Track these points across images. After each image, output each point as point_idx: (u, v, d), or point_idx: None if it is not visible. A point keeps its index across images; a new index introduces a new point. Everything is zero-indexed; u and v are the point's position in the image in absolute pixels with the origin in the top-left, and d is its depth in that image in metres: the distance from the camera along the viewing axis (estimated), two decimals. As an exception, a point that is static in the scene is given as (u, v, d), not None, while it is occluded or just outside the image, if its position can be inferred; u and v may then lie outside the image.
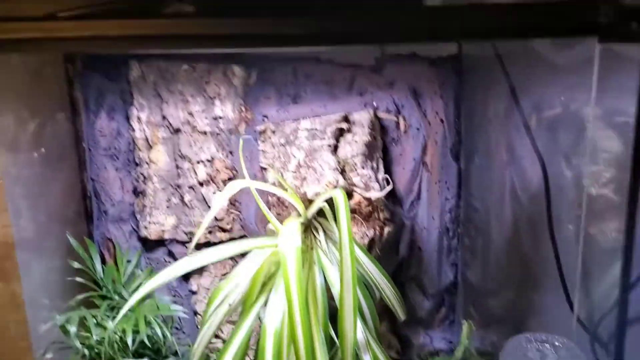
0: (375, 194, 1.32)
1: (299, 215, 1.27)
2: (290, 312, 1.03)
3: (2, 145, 1.41)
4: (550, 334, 1.11)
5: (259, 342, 1.09)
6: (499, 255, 1.46)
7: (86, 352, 1.32)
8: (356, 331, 1.09)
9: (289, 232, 1.10)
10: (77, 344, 1.30)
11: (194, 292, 1.59)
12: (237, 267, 1.25)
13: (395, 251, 1.53)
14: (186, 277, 1.60)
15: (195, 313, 1.60)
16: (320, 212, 1.30)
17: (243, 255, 1.27)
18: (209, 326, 1.18)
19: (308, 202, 1.30)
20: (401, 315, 1.29)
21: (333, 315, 1.16)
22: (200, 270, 1.57)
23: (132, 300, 1.14)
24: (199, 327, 1.58)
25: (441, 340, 1.68)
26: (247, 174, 1.26)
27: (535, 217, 1.22)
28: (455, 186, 1.55)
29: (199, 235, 1.19)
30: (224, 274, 1.58)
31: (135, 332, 1.30)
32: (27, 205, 1.49)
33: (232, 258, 1.55)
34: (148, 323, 1.30)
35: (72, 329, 1.27)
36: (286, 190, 1.28)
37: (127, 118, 1.55)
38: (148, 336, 1.34)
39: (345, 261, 1.05)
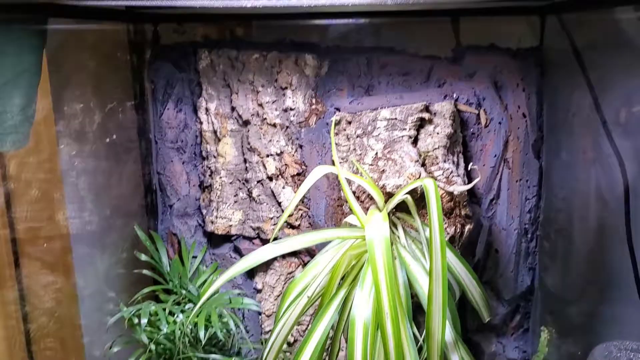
0: (459, 187, 1.24)
1: (378, 209, 1.21)
2: (379, 302, 0.97)
3: (67, 135, 1.39)
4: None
5: (348, 333, 1.02)
6: (580, 260, 1.37)
7: (153, 347, 1.28)
8: (445, 329, 1.02)
9: (377, 221, 1.04)
10: (144, 338, 1.26)
11: (258, 290, 1.53)
12: (313, 260, 1.20)
13: (471, 252, 1.45)
14: (251, 275, 1.54)
15: (260, 313, 1.55)
16: (399, 207, 1.23)
17: (321, 248, 1.22)
18: (286, 321, 1.12)
19: (386, 196, 1.24)
20: (486, 315, 1.21)
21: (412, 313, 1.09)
22: (265, 268, 1.52)
23: (217, 284, 1.09)
24: (262, 326, 1.53)
25: (514, 349, 1.59)
26: (337, 159, 1.19)
27: (618, 220, 1.14)
28: (536, 185, 1.46)
29: (283, 220, 1.18)
30: (290, 273, 1.52)
31: (207, 326, 1.25)
32: (91, 198, 1.46)
33: (298, 257, 1.50)
34: (220, 317, 1.25)
35: (143, 320, 1.22)
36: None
37: (195, 109, 1.51)
38: (213, 334, 1.29)
39: (436, 253, 0.98)
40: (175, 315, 1.27)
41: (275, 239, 1.47)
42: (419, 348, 1.06)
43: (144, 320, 1.23)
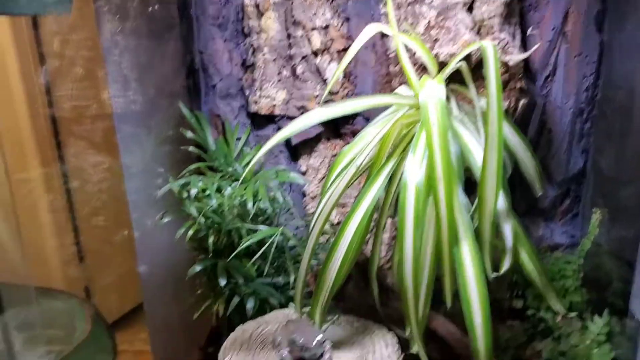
0: (515, 57, 1.18)
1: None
2: (432, 166, 0.94)
3: (108, 11, 1.35)
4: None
5: (399, 198, 1.01)
6: (638, 140, 1.30)
7: (202, 220, 1.29)
8: (498, 197, 0.99)
9: (431, 85, 1.00)
10: (194, 210, 1.27)
11: (303, 173, 1.52)
12: (362, 132, 1.17)
13: (524, 131, 1.40)
14: (295, 157, 1.53)
15: (304, 194, 1.55)
16: (452, 79, 1.18)
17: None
18: (333, 192, 1.11)
19: (439, 66, 1.18)
20: (539, 189, 1.18)
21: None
22: (309, 151, 1.50)
23: (268, 145, 1.07)
24: (305, 208, 1.53)
25: (563, 234, 1.56)
26: (392, 16, 1.12)
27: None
28: (596, 61, 1.38)
29: (333, 82, 1.11)
30: (334, 155, 1.50)
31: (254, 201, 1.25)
32: (134, 77, 1.44)
33: (343, 139, 1.47)
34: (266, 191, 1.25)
35: (192, 191, 1.23)
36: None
37: (237, -18, 1.45)
38: (260, 209, 1.30)
39: (492, 116, 0.94)
40: (224, 190, 1.27)
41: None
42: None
43: (194, 191, 1.23)
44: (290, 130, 1.07)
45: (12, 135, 1.58)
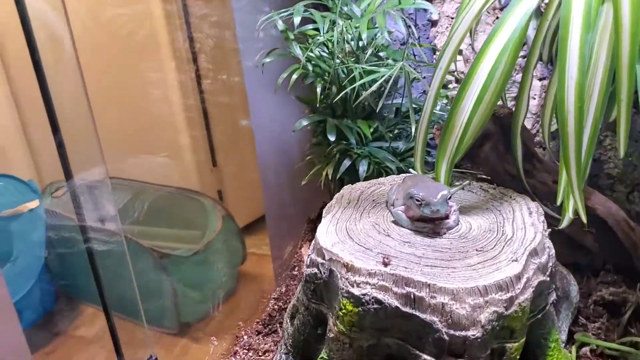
0: None
1: None
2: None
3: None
4: None
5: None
6: None
7: (310, 67, 1.10)
8: None
9: None
10: (297, 49, 1.08)
11: (433, 23, 1.27)
12: None
13: None
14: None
15: (434, 50, 1.30)
16: None
17: None
18: (465, 16, 0.86)
19: None
20: None
21: None
22: (443, -6, 1.24)
23: None
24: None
25: None
26: None
27: None
28: None
29: None
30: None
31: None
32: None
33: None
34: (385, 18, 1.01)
35: (296, 19, 1.03)
36: None
37: None
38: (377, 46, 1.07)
39: None
40: (335, 24, 1.06)
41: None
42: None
43: (297, 19, 1.03)
44: None
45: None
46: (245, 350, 1.09)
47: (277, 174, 1.41)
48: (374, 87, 1.01)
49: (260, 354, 1.07)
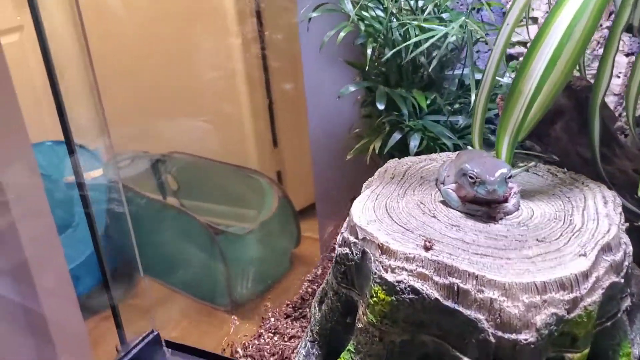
0: None
1: None
2: None
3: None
4: None
5: None
6: None
7: (362, 26, 0.99)
8: None
9: None
10: (348, 4, 0.97)
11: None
12: None
13: None
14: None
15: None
16: None
17: None
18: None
19: None
20: None
21: None
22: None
23: None
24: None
25: None
26: None
27: None
28: None
29: None
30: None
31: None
32: None
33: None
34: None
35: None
36: None
37: None
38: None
39: None
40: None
41: None
42: None
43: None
44: None
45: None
46: (270, 334, 1.00)
47: (327, 152, 1.34)
48: (433, 51, 0.89)
49: (285, 339, 0.98)
